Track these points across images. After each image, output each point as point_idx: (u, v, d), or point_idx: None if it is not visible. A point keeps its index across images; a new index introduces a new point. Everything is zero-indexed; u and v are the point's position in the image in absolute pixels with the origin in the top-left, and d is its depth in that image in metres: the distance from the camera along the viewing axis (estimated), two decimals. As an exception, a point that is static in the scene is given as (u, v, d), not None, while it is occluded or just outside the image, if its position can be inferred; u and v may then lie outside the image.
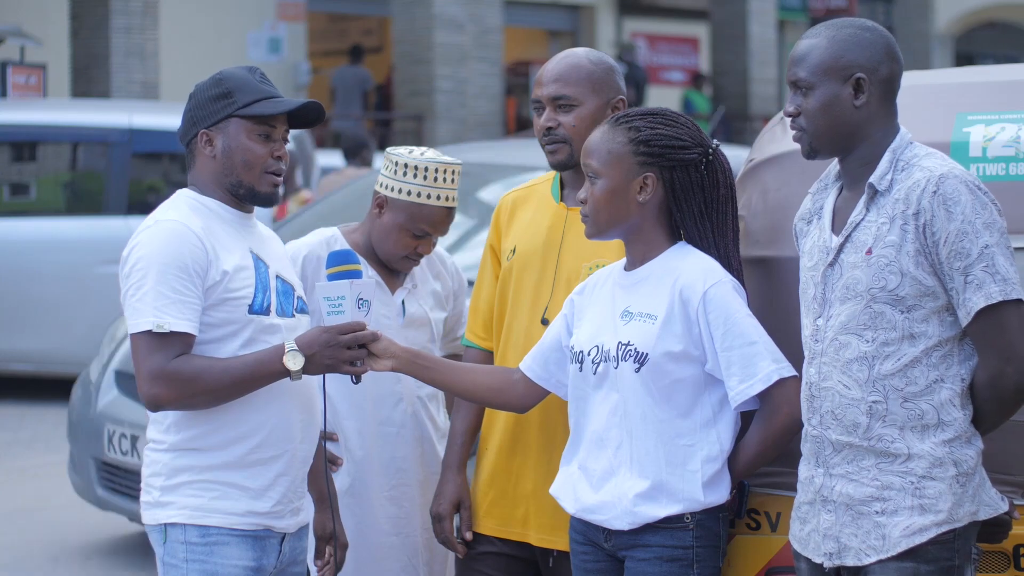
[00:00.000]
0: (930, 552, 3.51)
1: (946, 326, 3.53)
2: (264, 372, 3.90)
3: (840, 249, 3.61)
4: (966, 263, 3.46)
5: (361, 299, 3.98)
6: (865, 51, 3.59)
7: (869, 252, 3.54)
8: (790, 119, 3.66)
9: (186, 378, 3.85)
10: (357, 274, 4.02)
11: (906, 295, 3.51)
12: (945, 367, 3.53)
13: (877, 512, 3.54)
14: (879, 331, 3.53)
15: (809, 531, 3.67)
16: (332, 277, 4.02)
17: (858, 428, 3.56)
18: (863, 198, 3.59)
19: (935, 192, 3.48)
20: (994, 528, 3.63)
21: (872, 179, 3.57)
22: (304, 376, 3.94)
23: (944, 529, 3.50)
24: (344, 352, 3.93)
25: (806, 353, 3.68)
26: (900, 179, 3.55)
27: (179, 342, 3.86)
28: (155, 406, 3.90)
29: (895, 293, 3.51)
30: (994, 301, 3.45)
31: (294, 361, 3.88)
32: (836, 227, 3.65)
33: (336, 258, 4.05)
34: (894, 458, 3.54)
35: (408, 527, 4.59)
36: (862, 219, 3.59)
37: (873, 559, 3.54)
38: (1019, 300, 3.47)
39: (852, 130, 3.60)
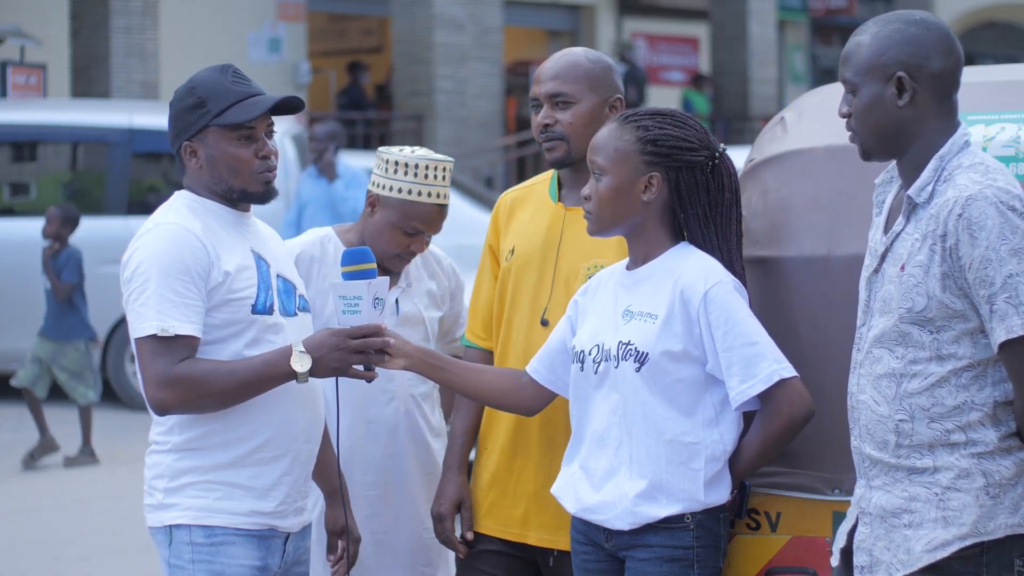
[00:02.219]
0: (953, 567, 3.39)
1: (980, 347, 3.39)
2: (271, 374, 3.88)
3: (883, 257, 3.49)
4: (990, 292, 3.31)
5: (377, 298, 3.96)
6: (907, 47, 3.43)
7: (902, 268, 3.42)
8: (845, 120, 3.54)
9: (193, 382, 3.84)
10: (372, 273, 4.00)
11: (934, 316, 3.38)
12: (976, 388, 3.39)
13: (905, 525, 3.44)
14: (908, 348, 3.42)
15: (840, 531, 3.63)
16: (348, 276, 4.00)
17: (887, 445, 3.46)
18: (904, 208, 3.46)
19: (960, 215, 3.32)
20: None
21: (911, 190, 3.44)
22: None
23: (968, 543, 3.37)
24: (352, 356, 3.92)
25: (851, 360, 3.59)
26: (940, 191, 3.40)
27: (184, 345, 3.85)
28: (162, 410, 3.89)
29: (922, 315, 3.38)
30: (1015, 336, 3.31)
31: (301, 363, 3.87)
32: (888, 230, 3.52)
33: (352, 256, 4.02)
34: (923, 471, 3.43)
35: (399, 527, 4.58)
36: (902, 230, 3.46)
37: (901, 573, 3.44)
38: None
39: (900, 130, 3.46)
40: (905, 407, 3.43)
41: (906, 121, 3.45)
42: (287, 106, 4.01)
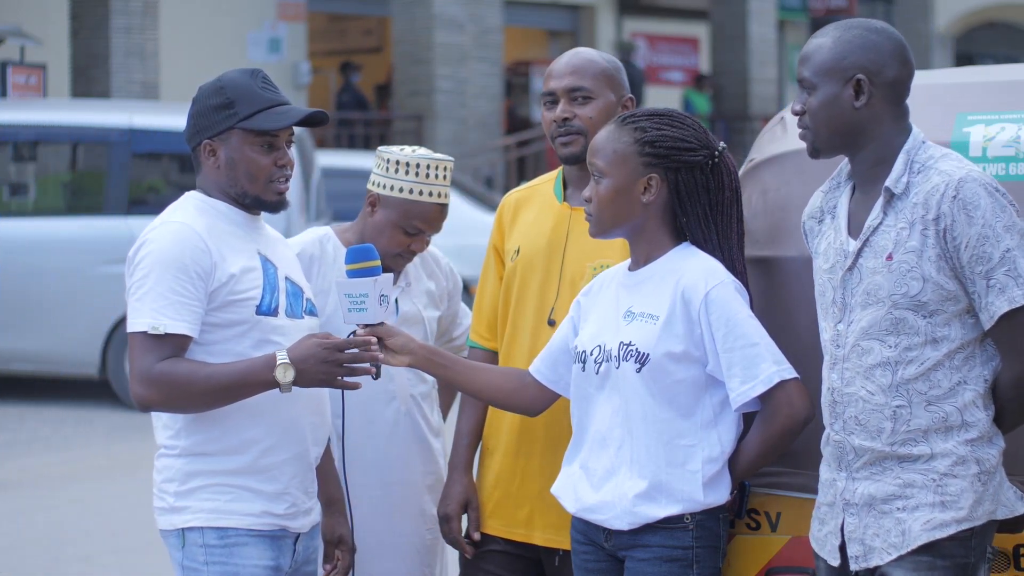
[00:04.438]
0: (946, 548, 3.50)
1: (968, 328, 3.52)
2: (251, 381, 3.86)
3: (859, 254, 3.59)
4: (988, 267, 3.45)
5: (383, 295, 3.95)
6: (868, 53, 3.57)
7: (890, 258, 3.52)
8: (797, 117, 3.66)
9: (171, 381, 3.84)
10: (377, 270, 4.00)
11: (928, 300, 3.50)
12: (968, 369, 3.52)
13: (899, 509, 3.53)
14: (902, 336, 3.52)
15: (826, 533, 3.67)
16: (352, 274, 3.99)
17: (882, 433, 3.55)
18: (879, 201, 3.57)
19: (955, 197, 3.46)
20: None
21: (888, 182, 3.55)
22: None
23: (964, 527, 3.50)
24: (340, 369, 3.88)
25: (827, 358, 3.66)
26: (917, 182, 3.53)
27: (173, 344, 3.86)
28: (143, 407, 3.91)
29: (917, 299, 3.50)
30: (1017, 305, 3.45)
31: (285, 374, 3.84)
32: (852, 230, 3.63)
33: (356, 254, 4.02)
34: (917, 458, 3.53)
35: (400, 527, 4.58)
36: (880, 223, 3.56)
37: (894, 556, 3.53)
38: None
39: (853, 130, 3.59)
40: (903, 393, 3.53)
41: (861, 121, 3.59)
42: (311, 120, 4.02)
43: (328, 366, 3.86)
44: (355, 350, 3.89)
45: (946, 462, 3.51)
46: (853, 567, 3.61)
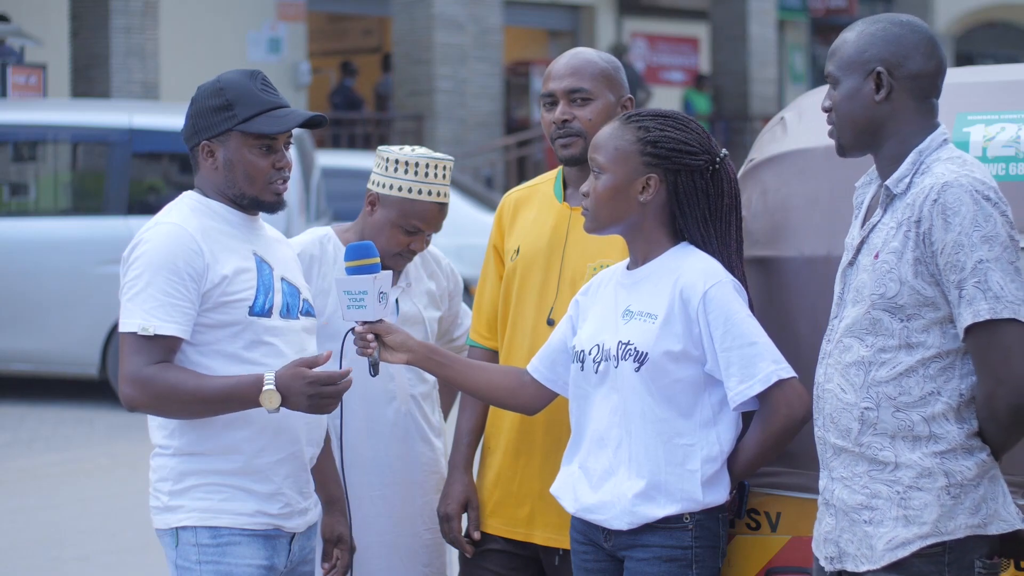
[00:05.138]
0: (915, 565, 3.42)
1: (948, 338, 3.43)
2: (238, 398, 3.87)
3: (859, 249, 3.55)
4: (960, 277, 3.36)
5: (381, 292, 3.96)
6: (890, 46, 3.51)
7: (876, 256, 3.47)
8: (826, 115, 3.61)
9: (158, 387, 3.85)
10: (376, 267, 4.00)
11: (905, 304, 3.43)
12: (944, 380, 3.43)
13: (866, 521, 3.48)
14: (878, 337, 3.46)
15: (820, 534, 3.65)
16: (352, 271, 4.00)
17: (850, 433, 3.50)
18: (882, 200, 3.52)
19: (935, 200, 3.38)
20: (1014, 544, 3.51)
21: (888, 181, 3.50)
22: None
23: (930, 542, 3.41)
24: (323, 400, 3.87)
25: (820, 352, 3.65)
26: (917, 183, 3.46)
27: (163, 346, 3.87)
28: (130, 407, 3.92)
29: (893, 301, 3.43)
30: (981, 319, 3.34)
31: (270, 401, 3.84)
32: (865, 224, 3.58)
33: (355, 251, 4.03)
34: (884, 466, 3.46)
35: (401, 527, 4.58)
36: (879, 221, 3.52)
37: (865, 567, 3.48)
38: (1013, 320, 3.34)
39: (875, 126, 3.53)
40: (872, 395, 3.47)
41: (881, 116, 3.52)
42: (309, 123, 4.03)
43: (314, 399, 3.86)
44: (342, 380, 3.88)
45: (911, 473, 3.43)
46: (827, 568, 3.57)
